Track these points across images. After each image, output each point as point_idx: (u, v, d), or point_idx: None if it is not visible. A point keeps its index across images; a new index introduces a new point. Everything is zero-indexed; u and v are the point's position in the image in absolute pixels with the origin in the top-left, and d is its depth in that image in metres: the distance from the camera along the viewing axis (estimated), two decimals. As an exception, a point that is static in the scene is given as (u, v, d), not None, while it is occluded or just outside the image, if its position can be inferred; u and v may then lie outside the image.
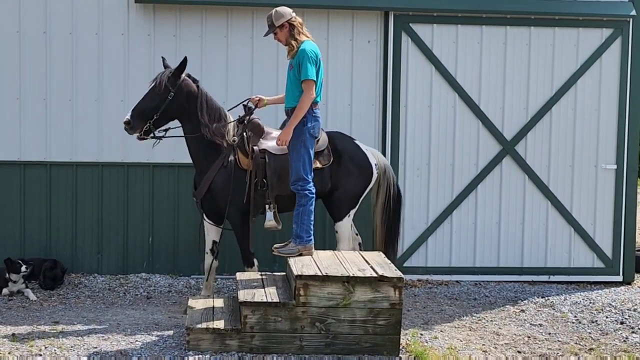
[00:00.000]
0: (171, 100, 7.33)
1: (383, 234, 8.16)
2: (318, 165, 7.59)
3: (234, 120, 7.62)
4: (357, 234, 8.28)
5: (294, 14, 7.14)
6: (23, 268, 8.15)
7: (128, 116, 7.31)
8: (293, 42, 7.07)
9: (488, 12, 9.17)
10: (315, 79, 6.99)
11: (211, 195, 7.51)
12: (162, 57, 7.68)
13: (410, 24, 9.14)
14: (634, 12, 9.28)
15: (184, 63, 7.36)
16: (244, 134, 7.44)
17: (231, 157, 7.48)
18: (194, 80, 7.51)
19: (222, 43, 9.02)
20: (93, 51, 8.91)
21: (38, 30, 8.86)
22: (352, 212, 7.89)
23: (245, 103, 7.62)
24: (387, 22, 9.12)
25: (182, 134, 7.56)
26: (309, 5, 8.80)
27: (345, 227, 7.87)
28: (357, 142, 8.09)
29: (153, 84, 7.39)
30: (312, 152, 7.16)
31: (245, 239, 7.57)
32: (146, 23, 8.93)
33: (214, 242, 7.77)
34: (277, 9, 7.16)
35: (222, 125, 7.48)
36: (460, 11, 9.15)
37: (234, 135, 7.53)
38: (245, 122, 7.47)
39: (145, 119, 7.31)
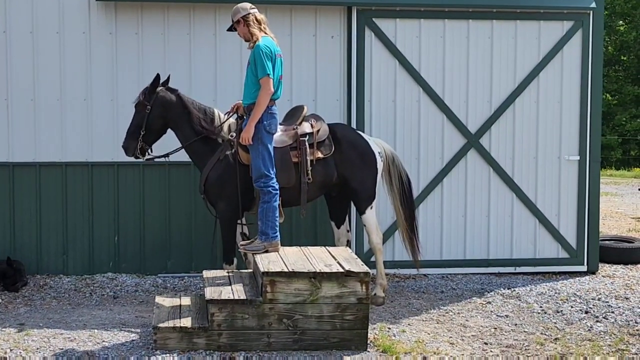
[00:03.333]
0: (149, 114, 7.50)
1: (406, 218, 8.32)
2: (320, 155, 7.76)
3: (228, 116, 7.71)
4: (348, 231, 8.41)
5: (253, 10, 7.20)
6: None
7: (124, 140, 7.63)
8: (249, 39, 7.18)
9: (450, 6, 9.21)
10: (272, 75, 7.03)
11: (205, 189, 7.59)
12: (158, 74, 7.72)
13: (374, 19, 9.16)
14: (593, 5, 9.38)
15: (156, 79, 7.57)
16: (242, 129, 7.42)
17: (227, 152, 7.53)
18: (172, 91, 7.63)
19: (185, 40, 8.97)
20: (54, 51, 8.83)
21: (-2, 30, 8.78)
22: (374, 203, 8.07)
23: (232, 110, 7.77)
24: (350, 17, 9.13)
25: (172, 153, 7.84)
26: (271, 2, 8.79)
27: (370, 219, 8.08)
28: (359, 132, 8.32)
29: (134, 104, 7.64)
30: (271, 148, 7.23)
31: (231, 236, 7.61)
32: (108, 21, 8.87)
33: (243, 234, 7.80)
34: (238, 4, 7.28)
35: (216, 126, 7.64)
36: (423, 5, 9.18)
37: (232, 131, 7.59)
38: (245, 117, 7.47)
39: (136, 137, 7.54)
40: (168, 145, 7.85)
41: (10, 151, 8.84)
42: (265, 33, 7.19)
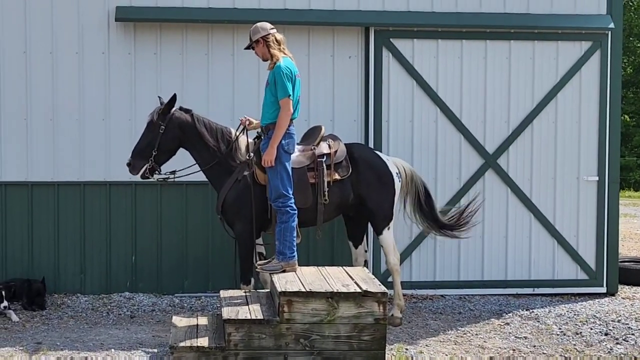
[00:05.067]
0: (163, 134, 7.48)
1: (426, 215, 8.34)
2: (337, 177, 7.76)
3: (239, 133, 7.64)
4: (365, 251, 8.42)
5: (273, 30, 7.19)
6: (2, 306, 8.02)
7: (129, 158, 7.55)
8: (268, 58, 7.16)
9: (468, 26, 9.21)
10: (292, 97, 7.03)
11: (222, 210, 7.57)
12: (159, 97, 7.76)
13: (391, 39, 9.17)
14: (612, 25, 9.36)
15: (173, 99, 7.53)
16: (260, 149, 7.43)
17: (245, 172, 7.52)
18: (186, 111, 7.62)
19: (203, 60, 9.01)
20: (74, 70, 8.89)
21: (18, 50, 8.83)
22: (391, 224, 8.07)
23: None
24: (368, 37, 9.15)
25: (188, 172, 7.76)
26: (289, 22, 8.82)
27: (388, 239, 8.07)
28: (377, 152, 8.32)
29: (146, 123, 7.58)
30: (289, 167, 7.21)
31: (249, 256, 7.59)
32: (127, 41, 8.92)
33: (260, 253, 7.81)
34: (258, 24, 7.26)
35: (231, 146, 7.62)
36: (441, 26, 9.20)
37: (249, 152, 7.56)
38: (263, 137, 7.47)
39: (145, 157, 7.51)
40: (174, 163, 7.85)
41: (29, 170, 8.89)
42: (285, 53, 7.19)
